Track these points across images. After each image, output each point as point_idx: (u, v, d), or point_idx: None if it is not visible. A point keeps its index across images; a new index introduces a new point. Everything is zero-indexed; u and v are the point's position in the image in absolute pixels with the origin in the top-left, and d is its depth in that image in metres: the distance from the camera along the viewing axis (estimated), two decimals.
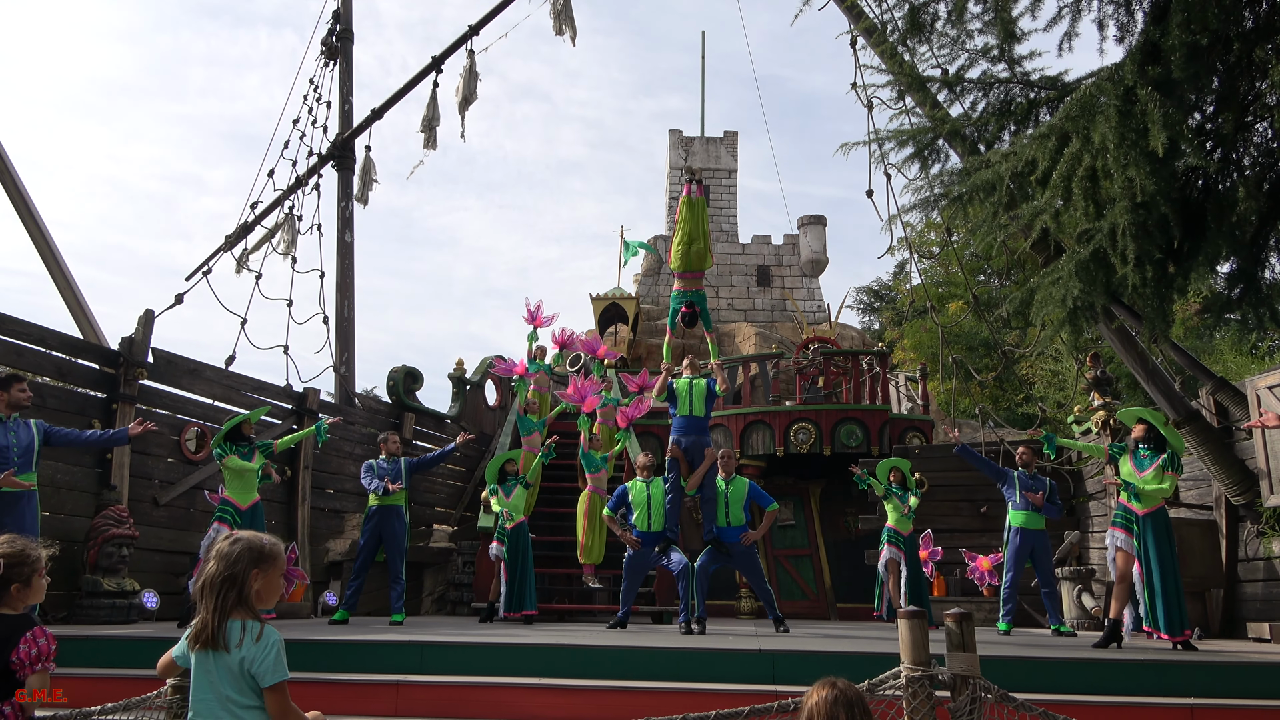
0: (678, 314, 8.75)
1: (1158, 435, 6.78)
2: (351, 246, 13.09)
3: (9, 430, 6.24)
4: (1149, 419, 6.83)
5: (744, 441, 13.54)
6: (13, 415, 6.31)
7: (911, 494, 9.16)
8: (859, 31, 8.42)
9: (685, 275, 8.86)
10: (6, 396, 6.31)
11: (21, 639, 2.85)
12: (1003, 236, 6.16)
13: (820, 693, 2.28)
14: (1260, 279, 5.42)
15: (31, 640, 2.86)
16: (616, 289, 23.43)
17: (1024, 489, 8.41)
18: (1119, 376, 14.14)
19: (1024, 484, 8.48)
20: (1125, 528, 6.79)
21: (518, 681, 4.97)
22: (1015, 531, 8.31)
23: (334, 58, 13.82)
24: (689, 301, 8.74)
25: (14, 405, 6.34)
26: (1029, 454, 8.66)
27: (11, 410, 6.32)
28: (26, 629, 2.88)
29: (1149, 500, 6.72)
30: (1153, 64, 4.78)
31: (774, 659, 5.10)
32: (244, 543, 2.57)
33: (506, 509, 8.65)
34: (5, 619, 2.90)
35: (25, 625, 2.91)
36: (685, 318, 8.64)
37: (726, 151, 28.83)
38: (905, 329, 28.49)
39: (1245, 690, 4.82)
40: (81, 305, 9.74)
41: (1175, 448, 6.75)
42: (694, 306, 8.68)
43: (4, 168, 9.46)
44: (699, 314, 8.67)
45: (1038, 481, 8.40)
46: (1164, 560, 6.61)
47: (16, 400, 6.35)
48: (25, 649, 2.84)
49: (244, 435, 7.61)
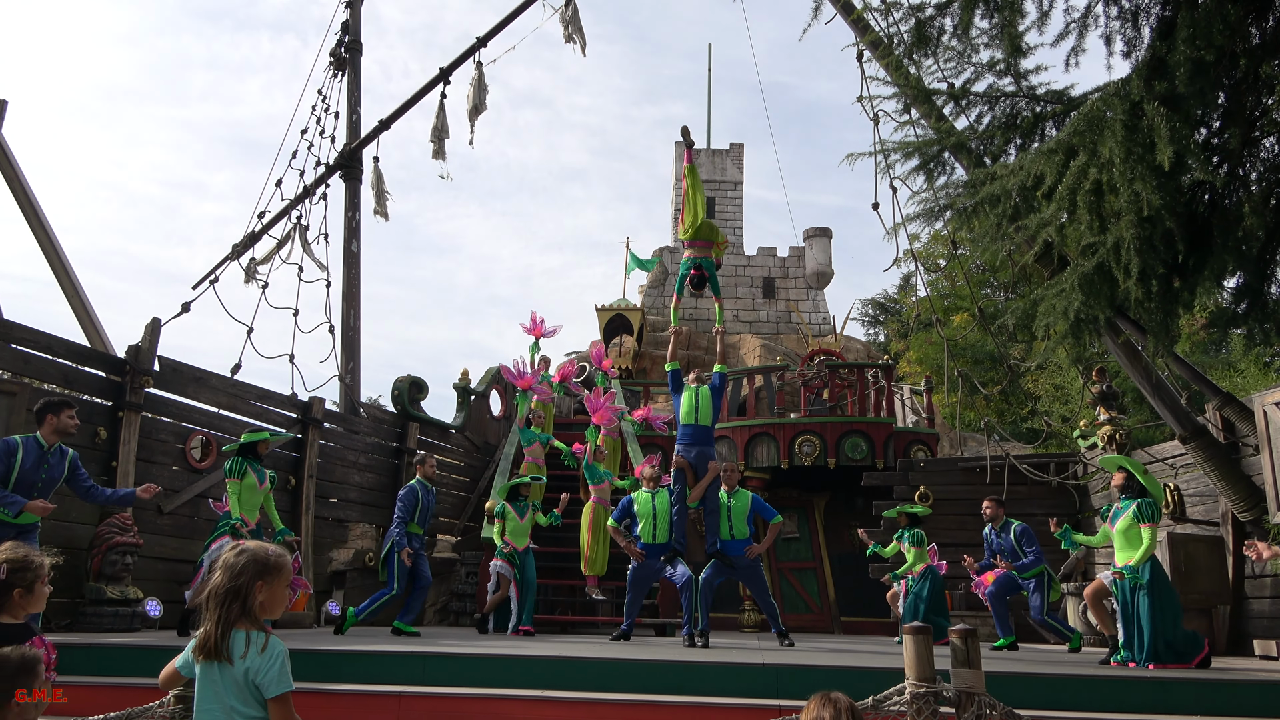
0: (685, 278, 8.65)
1: (1139, 484, 6.63)
2: (358, 256, 13.13)
3: (47, 460, 5.87)
4: (1128, 467, 6.71)
5: (749, 454, 13.52)
6: (55, 444, 5.95)
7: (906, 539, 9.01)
8: (865, 45, 8.46)
9: (694, 244, 8.80)
10: (55, 422, 5.92)
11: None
12: (1008, 249, 6.16)
13: (813, 708, 2.28)
14: (1267, 294, 5.42)
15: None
16: (622, 300, 23.47)
17: (992, 552, 8.35)
18: (1125, 391, 14.11)
19: (991, 546, 8.40)
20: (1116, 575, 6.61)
21: (520, 694, 4.95)
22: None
23: (342, 68, 13.91)
24: (698, 264, 8.68)
25: (61, 432, 5.97)
26: (994, 507, 8.53)
27: (57, 437, 5.95)
28: (26, 638, 2.89)
29: (1125, 551, 6.51)
30: (1159, 79, 4.79)
31: (777, 672, 5.07)
32: (249, 554, 2.57)
33: (509, 535, 8.70)
34: (6, 628, 2.90)
35: (25, 635, 2.91)
36: (694, 280, 8.52)
37: (732, 163, 28.90)
38: (910, 342, 28.46)
39: (1251, 708, 4.78)
40: (89, 313, 9.77)
41: (1154, 496, 6.59)
42: (703, 269, 8.61)
43: (13, 173, 9.52)
44: (708, 278, 8.59)
45: (1004, 538, 8.32)
46: (1155, 612, 6.24)
47: (64, 427, 5.97)
48: None
49: (258, 454, 7.55)
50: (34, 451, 5.82)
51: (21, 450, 5.77)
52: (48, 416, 5.95)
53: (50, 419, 5.94)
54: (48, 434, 5.93)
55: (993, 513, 8.49)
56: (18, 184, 9.57)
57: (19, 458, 5.74)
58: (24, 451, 5.77)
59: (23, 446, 5.80)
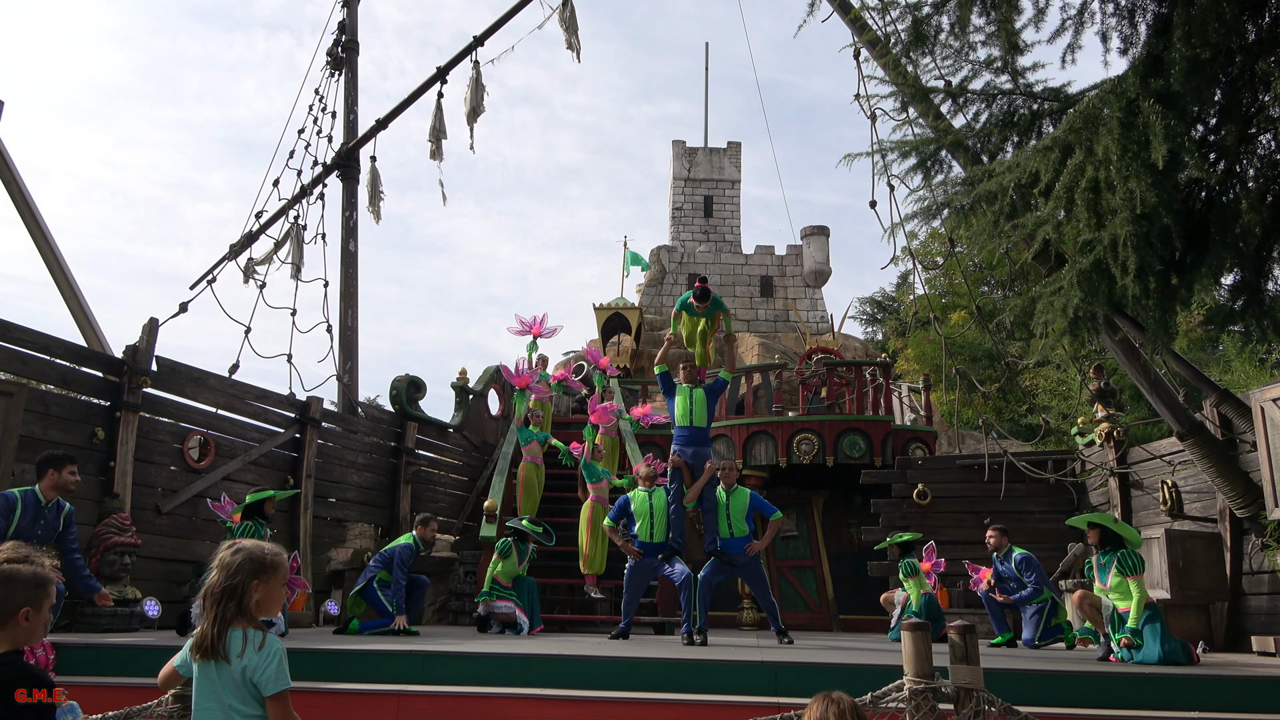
0: (687, 301, 8.50)
1: (1114, 534, 6.66)
2: (355, 256, 13.12)
3: (44, 515, 5.75)
4: (1099, 522, 6.72)
5: (747, 452, 13.52)
6: (53, 500, 5.85)
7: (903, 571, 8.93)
8: (863, 44, 8.45)
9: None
10: (56, 477, 5.82)
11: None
12: (1005, 246, 6.17)
13: (815, 707, 2.29)
14: (1264, 291, 5.42)
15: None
16: (620, 299, 23.47)
17: (999, 577, 8.39)
18: (1123, 388, 14.12)
19: (999, 571, 8.44)
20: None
21: (520, 692, 4.96)
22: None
23: (339, 68, 13.89)
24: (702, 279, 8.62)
25: (60, 488, 5.89)
26: (997, 536, 8.51)
27: (56, 493, 5.85)
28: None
29: (1124, 600, 6.51)
30: (1155, 76, 4.79)
31: (776, 670, 5.08)
32: (245, 553, 2.58)
33: (501, 573, 8.69)
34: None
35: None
36: (697, 293, 8.37)
37: (730, 162, 28.90)
38: (908, 340, 28.47)
39: (1249, 704, 4.79)
40: (86, 313, 9.76)
41: (1131, 542, 6.62)
42: (705, 283, 8.52)
43: (9, 173, 9.50)
44: (711, 294, 8.48)
45: (1007, 567, 8.35)
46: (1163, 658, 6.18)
47: (65, 484, 5.89)
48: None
49: (265, 514, 7.51)
50: (31, 507, 5.75)
51: (20, 506, 5.71)
52: (49, 471, 5.88)
53: (51, 474, 5.87)
54: (46, 488, 5.85)
55: (996, 541, 8.49)
56: (14, 184, 9.55)
57: (17, 513, 5.67)
58: (22, 507, 5.70)
59: (21, 501, 5.73)
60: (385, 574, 8.05)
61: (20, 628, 2.46)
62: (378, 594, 7.96)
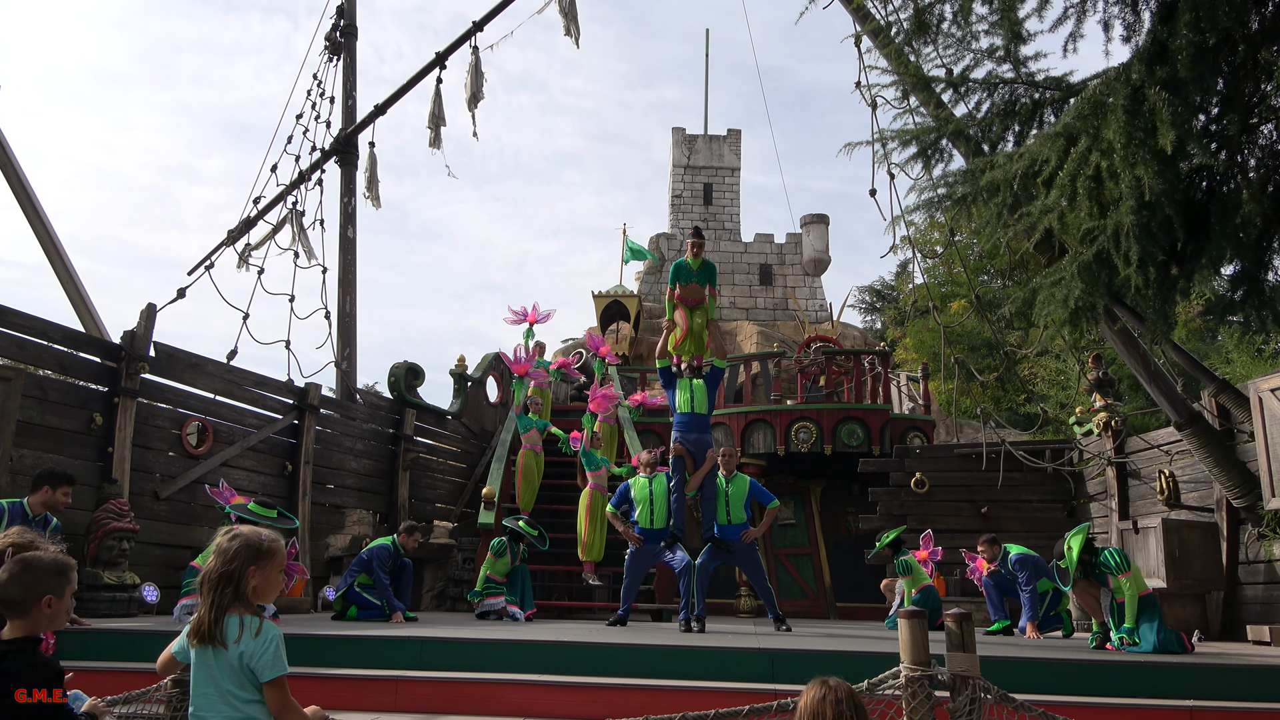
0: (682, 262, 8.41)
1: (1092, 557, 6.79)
2: (354, 242, 13.08)
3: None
4: (1065, 565, 6.87)
5: (745, 440, 13.53)
6: (41, 514, 5.80)
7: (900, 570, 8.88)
8: (864, 32, 8.40)
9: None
10: (50, 495, 5.79)
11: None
12: (1006, 237, 6.15)
13: (811, 691, 2.30)
14: (1264, 281, 5.42)
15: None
16: (619, 286, 23.41)
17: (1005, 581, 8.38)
18: (1121, 378, 14.13)
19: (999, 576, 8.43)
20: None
21: (517, 678, 4.97)
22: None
23: (337, 53, 13.80)
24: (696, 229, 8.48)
25: (50, 506, 5.85)
26: (988, 548, 8.52)
27: (45, 509, 5.82)
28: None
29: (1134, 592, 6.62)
30: (1160, 64, 4.77)
31: (773, 658, 5.09)
32: (242, 539, 2.57)
33: (493, 571, 8.70)
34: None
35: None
36: (694, 232, 8.33)
37: (730, 150, 28.81)
38: (907, 328, 28.47)
39: (1245, 692, 4.81)
40: (84, 298, 9.74)
41: (1106, 553, 6.73)
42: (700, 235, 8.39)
43: (5, 157, 9.46)
44: (704, 241, 8.39)
45: (1006, 570, 8.35)
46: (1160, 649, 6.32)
47: (56, 503, 5.86)
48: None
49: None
50: (18, 519, 5.70)
51: (7, 517, 5.67)
52: (44, 487, 5.87)
53: (46, 490, 5.85)
54: (36, 503, 5.83)
55: (989, 553, 8.51)
56: (10, 169, 9.52)
57: (3, 524, 5.62)
58: (9, 518, 5.67)
59: (8, 512, 5.70)
60: (365, 578, 8.06)
61: (43, 614, 2.49)
62: (363, 595, 7.99)
